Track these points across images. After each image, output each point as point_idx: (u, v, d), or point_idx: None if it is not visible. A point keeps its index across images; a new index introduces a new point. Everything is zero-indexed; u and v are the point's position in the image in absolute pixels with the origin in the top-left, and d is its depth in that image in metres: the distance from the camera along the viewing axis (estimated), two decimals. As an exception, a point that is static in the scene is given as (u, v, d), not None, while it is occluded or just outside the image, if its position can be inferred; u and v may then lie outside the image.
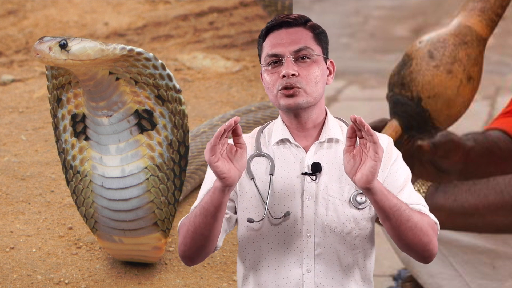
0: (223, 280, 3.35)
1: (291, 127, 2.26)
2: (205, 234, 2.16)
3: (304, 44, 2.22)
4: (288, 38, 2.22)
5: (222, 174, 2.10)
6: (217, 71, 4.67)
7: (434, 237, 2.18)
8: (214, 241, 2.20)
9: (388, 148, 2.26)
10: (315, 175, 2.21)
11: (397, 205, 2.12)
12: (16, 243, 3.47)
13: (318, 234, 2.20)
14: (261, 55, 2.27)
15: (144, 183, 3.08)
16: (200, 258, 2.24)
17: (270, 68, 2.22)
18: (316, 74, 2.21)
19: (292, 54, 2.20)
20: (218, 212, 2.14)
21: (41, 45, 2.74)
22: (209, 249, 2.21)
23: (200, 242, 2.18)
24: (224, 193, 2.12)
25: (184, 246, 2.20)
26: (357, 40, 6.55)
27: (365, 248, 2.25)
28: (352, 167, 2.10)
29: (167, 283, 3.32)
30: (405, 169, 2.27)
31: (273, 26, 2.24)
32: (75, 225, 3.56)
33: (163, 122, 3.05)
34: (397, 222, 2.12)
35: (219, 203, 2.13)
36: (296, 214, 2.21)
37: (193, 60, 4.76)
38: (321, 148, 2.24)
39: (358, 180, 2.09)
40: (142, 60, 2.95)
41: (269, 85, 2.22)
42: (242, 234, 2.25)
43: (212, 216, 2.14)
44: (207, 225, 2.15)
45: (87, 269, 3.36)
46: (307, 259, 2.21)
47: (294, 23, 2.24)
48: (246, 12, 5.07)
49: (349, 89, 6.15)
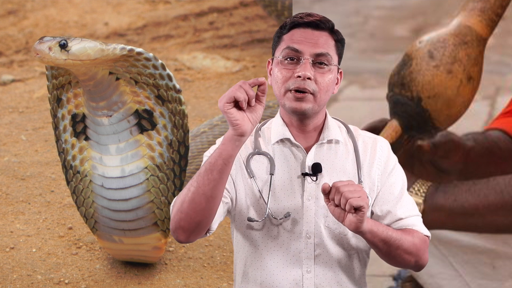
0: (223, 280, 3.35)
1: (291, 127, 2.25)
2: (208, 193, 2.06)
3: (326, 50, 2.18)
4: (313, 39, 2.18)
5: (235, 121, 2.03)
6: (217, 71, 4.66)
7: (424, 251, 2.22)
8: (213, 208, 2.10)
9: (387, 154, 2.26)
10: (316, 175, 2.20)
11: (387, 238, 2.15)
12: (16, 243, 3.47)
13: (317, 235, 2.20)
14: (277, 46, 2.21)
15: (144, 183, 3.08)
16: (195, 232, 2.11)
17: (285, 62, 2.18)
18: (329, 82, 2.18)
19: (312, 57, 2.17)
20: (226, 166, 2.06)
21: (41, 45, 2.74)
22: (206, 220, 2.10)
23: (201, 204, 2.07)
24: (235, 144, 2.05)
25: (180, 213, 2.09)
26: (357, 40, 6.55)
27: (365, 249, 2.25)
28: (339, 214, 2.10)
29: (167, 283, 3.32)
30: (401, 177, 2.27)
31: (300, 23, 2.20)
32: (75, 225, 3.56)
33: (163, 122, 3.05)
34: (387, 252, 2.17)
35: (228, 156, 2.06)
36: (296, 215, 2.20)
37: (193, 60, 4.76)
38: (321, 149, 2.24)
39: (348, 226, 2.10)
40: (142, 60, 2.95)
41: (279, 80, 2.18)
42: (241, 233, 2.24)
43: (218, 171, 2.05)
44: (211, 182, 2.06)
45: (87, 269, 3.36)
46: (307, 260, 2.20)
47: (322, 26, 2.20)
48: (246, 12, 5.07)
49: (349, 89, 6.14)
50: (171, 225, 2.13)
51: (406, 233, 2.20)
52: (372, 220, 2.15)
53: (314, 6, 6.27)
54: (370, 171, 2.23)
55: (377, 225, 2.15)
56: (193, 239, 2.15)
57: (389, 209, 2.23)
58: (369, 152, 2.24)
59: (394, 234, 2.17)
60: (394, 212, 2.23)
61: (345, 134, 2.27)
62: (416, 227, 2.23)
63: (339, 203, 2.07)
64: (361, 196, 2.06)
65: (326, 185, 2.08)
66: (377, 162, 2.24)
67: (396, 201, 2.24)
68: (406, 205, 2.25)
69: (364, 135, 2.28)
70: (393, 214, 2.23)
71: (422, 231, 2.24)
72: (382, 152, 2.25)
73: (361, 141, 2.26)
